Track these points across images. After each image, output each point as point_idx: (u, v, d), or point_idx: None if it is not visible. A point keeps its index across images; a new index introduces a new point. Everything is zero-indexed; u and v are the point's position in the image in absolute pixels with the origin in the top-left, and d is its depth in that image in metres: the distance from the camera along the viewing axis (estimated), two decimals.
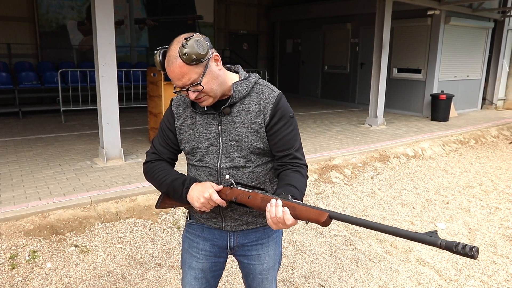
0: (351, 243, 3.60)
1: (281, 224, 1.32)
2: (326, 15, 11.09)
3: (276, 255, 1.72)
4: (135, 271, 3.04)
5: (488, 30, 10.31)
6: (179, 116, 1.57)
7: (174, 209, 4.00)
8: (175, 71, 1.36)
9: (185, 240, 1.73)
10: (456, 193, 4.99)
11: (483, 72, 10.61)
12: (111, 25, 4.58)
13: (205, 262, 1.68)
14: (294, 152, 1.52)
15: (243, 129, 1.48)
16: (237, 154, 1.49)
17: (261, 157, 1.53)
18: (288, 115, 1.52)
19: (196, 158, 1.55)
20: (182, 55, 1.33)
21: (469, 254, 1.04)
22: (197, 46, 1.33)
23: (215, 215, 1.58)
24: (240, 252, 1.67)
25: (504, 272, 3.19)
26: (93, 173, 4.58)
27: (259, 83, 1.54)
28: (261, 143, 1.49)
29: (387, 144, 6.57)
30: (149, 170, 1.62)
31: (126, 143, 5.82)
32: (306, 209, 1.30)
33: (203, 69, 1.38)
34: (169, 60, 1.38)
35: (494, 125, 8.77)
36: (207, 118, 1.52)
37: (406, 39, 9.54)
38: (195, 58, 1.33)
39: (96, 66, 4.67)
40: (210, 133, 1.52)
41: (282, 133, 1.50)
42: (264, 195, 1.37)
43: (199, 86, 1.38)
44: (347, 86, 11.05)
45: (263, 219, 1.60)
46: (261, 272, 1.69)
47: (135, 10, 10.23)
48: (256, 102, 1.49)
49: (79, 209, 3.71)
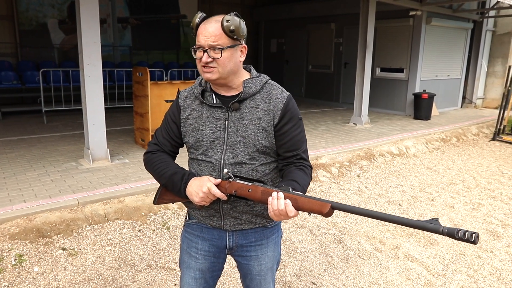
0: (341, 241, 3.64)
1: (282, 216, 1.33)
2: (310, 15, 11.16)
3: (275, 256, 1.72)
4: (125, 273, 3.00)
5: (468, 31, 10.56)
6: (185, 108, 1.57)
7: (164, 209, 3.97)
8: (208, 29, 1.40)
9: (184, 240, 1.72)
10: (441, 190, 5.10)
11: (463, 71, 10.86)
12: (96, 24, 4.51)
13: (204, 262, 1.67)
14: (301, 153, 1.55)
15: (251, 126, 1.49)
16: (242, 150, 1.49)
17: (265, 157, 1.53)
18: (297, 116, 1.54)
19: (199, 151, 1.55)
20: (225, 21, 1.38)
21: (470, 240, 1.08)
22: (241, 24, 1.41)
23: (214, 212, 1.57)
24: (239, 253, 1.67)
25: (489, 266, 3.28)
26: (79, 174, 4.50)
27: (270, 82, 1.56)
28: (267, 142, 1.50)
29: (372, 142, 6.67)
30: (149, 161, 1.62)
31: (112, 144, 5.74)
32: (309, 201, 1.31)
33: (231, 43, 1.42)
34: (208, 21, 1.43)
35: (474, 123, 9.00)
36: (214, 112, 1.52)
37: (388, 39, 9.69)
38: (232, 30, 1.39)
39: (81, 65, 4.59)
40: (216, 127, 1.51)
41: (291, 134, 1.52)
42: (265, 188, 1.38)
43: (219, 52, 1.40)
44: (331, 86, 11.15)
45: (262, 219, 1.61)
46: (260, 273, 1.69)
47: (118, 9, 10.09)
48: (266, 101, 1.51)
49: (66, 211, 3.64)
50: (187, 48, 11.87)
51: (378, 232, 3.83)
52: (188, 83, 6.05)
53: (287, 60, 12.32)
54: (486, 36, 11.08)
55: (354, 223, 4.02)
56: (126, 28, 10.38)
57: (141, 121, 5.62)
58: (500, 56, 11.24)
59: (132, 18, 10.40)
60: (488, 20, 10.91)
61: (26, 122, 7.49)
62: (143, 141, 5.71)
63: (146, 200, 4.01)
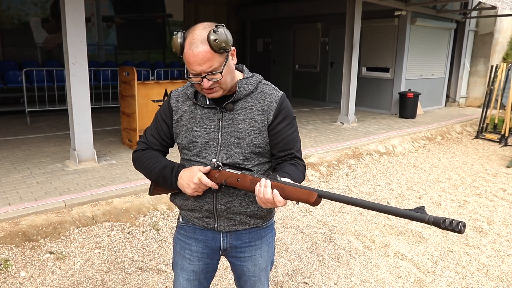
0: (331, 240, 3.65)
1: (270, 204, 1.33)
2: (296, 15, 11.19)
3: (269, 257, 1.72)
4: (115, 276, 2.95)
5: (451, 31, 10.74)
6: (178, 109, 1.55)
7: (153, 211, 3.93)
8: (198, 55, 1.33)
9: (177, 242, 1.70)
10: (427, 188, 5.17)
11: (447, 71, 11.04)
12: (81, 22, 4.43)
13: (198, 264, 1.65)
14: (295, 152, 1.54)
15: (245, 127, 1.48)
16: (236, 151, 1.48)
17: (260, 157, 1.53)
18: (291, 116, 1.54)
19: (192, 152, 1.53)
20: (212, 41, 1.31)
21: (456, 229, 1.06)
22: (227, 35, 1.33)
23: (208, 214, 1.56)
24: (233, 254, 1.65)
25: (477, 262, 3.34)
26: (65, 176, 4.42)
27: (263, 82, 1.55)
28: (261, 142, 1.49)
29: (360, 141, 6.72)
30: (138, 158, 1.59)
31: (98, 145, 5.65)
32: (296, 190, 1.31)
33: (224, 59, 1.38)
34: (193, 43, 1.34)
35: (458, 121, 9.16)
36: (208, 113, 1.51)
37: (374, 38, 9.78)
38: (223, 47, 1.33)
39: (66, 65, 4.50)
40: (210, 128, 1.50)
41: (285, 133, 1.51)
42: (253, 177, 1.37)
43: (218, 75, 1.37)
44: (318, 85, 11.21)
45: (256, 219, 1.60)
46: (254, 273, 1.68)
47: (103, 8, 9.95)
48: (260, 101, 1.50)
49: (52, 214, 3.57)
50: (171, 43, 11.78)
51: (367, 231, 3.86)
52: (176, 83, 6.00)
53: (274, 60, 12.33)
54: (469, 36, 11.29)
55: (344, 222, 4.04)
56: (111, 27, 10.24)
57: (128, 121, 5.55)
58: (482, 56, 11.46)
59: (117, 17, 10.26)
60: (471, 20, 11.11)
61: (8, 123, 7.32)
62: (130, 142, 5.64)
63: (134, 202, 3.96)
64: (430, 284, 2.99)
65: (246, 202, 1.54)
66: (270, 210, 1.63)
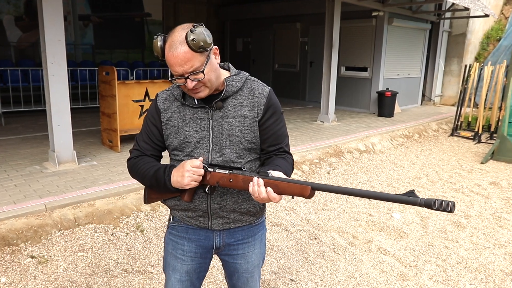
0: (316, 237, 3.70)
1: (265, 200, 1.35)
2: (276, 15, 11.25)
3: (261, 253, 1.73)
4: (100, 279, 2.91)
5: (426, 31, 11.01)
6: (165, 110, 1.54)
7: (136, 212, 3.89)
8: (178, 56, 1.34)
9: (168, 242, 1.69)
10: (407, 184, 5.30)
11: (422, 70, 11.32)
12: (60, 21, 4.33)
13: (191, 264, 1.65)
14: (284, 147, 1.57)
15: (236, 124, 1.49)
16: (229, 148, 1.49)
17: (251, 153, 1.54)
18: (280, 111, 1.57)
19: (184, 153, 1.52)
20: (190, 41, 1.31)
21: (447, 209, 1.11)
22: (205, 34, 1.33)
23: (202, 213, 1.56)
24: (226, 252, 1.66)
25: (456, 255, 3.45)
26: (44, 178, 4.31)
27: (250, 78, 1.57)
28: (253, 138, 1.51)
29: (340, 140, 6.82)
30: (132, 166, 1.59)
31: (77, 146, 5.54)
32: (289, 185, 1.33)
33: (205, 59, 1.38)
34: (173, 45, 1.35)
35: (434, 119, 9.40)
36: (197, 113, 1.51)
37: (352, 38, 9.93)
38: (202, 46, 1.33)
39: (44, 64, 4.39)
40: (200, 127, 1.50)
41: (274, 128, 1.54)
42: (245, 176, 1.39)
43: (201, 74, 1.37)
44: (297, 84, 11.30)
45: (250, 217, 1.61)
46: (247, 271, 1.69)
47: (79, 6, 9.74)
48: (249, 97, 1.51)
49: (32, 217, 3.48)
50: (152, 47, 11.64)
51: (350, 227, 3.93)
52: (157, 83, 5.94)
53: (254, 59, 12.35)
54: (443, 36, 11.61)
55: (327, 219, 4.10)
56: (87, 26, 10.04)
57: (109, 122, 5.46)
58: (455, 56, 11.80)
59: (94, 15, 10.07)
60: (445, 21, 11.42)
61: None
62: (111, 142, 5.55)
63: (117, 203, 3.90)
64: (413, 278, 3.07)
65: (240, 199, 1.55)
66: (263, 207, 1.65)
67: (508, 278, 3.11)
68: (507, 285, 3.02)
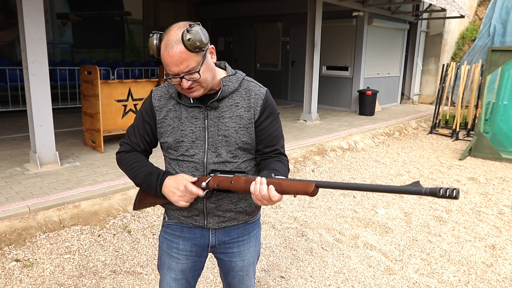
0: (303, 234, 3.74)
1: (266, 201, 1.34)
2: (257, 14, 11.28)
3: (256, 251, 1.73)
4: (89, 281, 2.87)
5: (405, 31, 11.25)
6: (161, 108, 1.53)
7: (123, 213, 3.84)
8: (174, 55, 1.33)
9: (163, 241, 1.68)
10: (389, 181, 5.41)
11: (401, 69, 11.56)
12: (40, 19, 4.24)
13: (186, 263, 1.64)
14: (279, 148, 1.57)
15: (232, 124, 1.49)
16: (225, 149, 1.49)
17: (247, 154, 1.54)
18: (276, 112, 1.57)
19: (179, 152, 1.52)
20: (187, 41, 1.30)
21: (452, 196, 1.10)
22: (201, 34, 1.32)
23: (198, 212, 1.56)
24: (221, 250, 1.66)
25: (439, 249, 3.55)
26: (26, 180, 4.21)
27: (246, 79, 1.56)
28: (249, 139, 1.51)
29: (324, 138, 6.90)
30: (123, 160, 1.57)
31: (59, 147, 5.42)
32: (292, 183, 1.33)
33: (201, 58, 1.37)
34: (168, 44, 1.33)
35: (413, 118, 9.62)
36: (193, 112, 1.50)
37: (333, 38, 10.05)
38: (198, 45, 1.32)
39: (25, 63, 4.29)
40: (196, 127, 1.49)
41: (270, 129, 1.54)
42: (247, 177, 1.39)
43: (196, 74, 1.36)
44: (279, 84, 11.36)
45: (245, 215, 1.62)
46: (242, 268, 1.69)
47: (57, 4, 9.53)
48: (245, 98, 1.51)
49: (16, 220, 3.40)
50: (132, 46, 11.50)
51: (337, 224, 3.99)
52: (140, 82, 5.88)
53: (235, 59, 12.35)
54: (421, 36, 11.87)
55: (314, 216, 4.15)
56: (66, 25, 9.83)
57: (91, 122, 5.37)
58: (433, 56, 12.10)
59: (73, 14, 9.87)
60: (422, 21, 11.69)
61: None
62: (94, 143, 5.46)
63: (103, 204, 3.85)
64: (399, 272, 3.15)
65: (235, 199, 1.56)
66: (258, 206, 1.65)
67: (489, 270, 3.22)
68: (488, 276, 3.13)
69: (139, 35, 11.47)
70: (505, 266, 3.29)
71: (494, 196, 4.93)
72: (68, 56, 9.89)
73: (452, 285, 3.00)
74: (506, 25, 11.53)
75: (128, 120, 5.67)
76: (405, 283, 3.00)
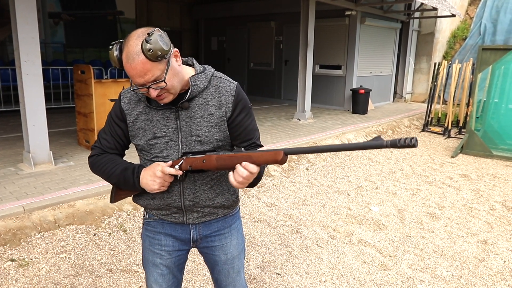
0: (298, 231, 3.77)
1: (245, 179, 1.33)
2: (250, 13, 11.29)
3: (239, 244, 1.73)
4: (85, 280, 2.87)
5: (397, 30, 11.34)
6: (130, 112, 1.51)
7: (118, 212, 3.84)
8: (137, 67, 1.30)
9: (145, 239, 1.69)
10: (383, 178, 5.46)
11: (394, 68, 11.65)
12: (33, 18, 4.22)
13: (169, 258, 1.66)
14: (256, 141, 1.58)
15: (204, 123, 1.48)
16: (198, 148, 1.49)
17: (221, 150, 1.54)
18: (248, 105, 1.55)
19: (153, 154, 1.51)
20: (147, 52, 1.26)
21: (411, 144, 1.15)
22: (161, 42, 1.28)
23: (176, 210, 1.57)
24: (204, 244, 1.67)
25: (432, 244, 3.60)
26: (20, 180, 4.20)
27: (215, 75, 1.53)
28: (222, 136, 1.51)
29: (317, 136, 6.94)
30: (95, 164, 1.57)
31: (53, 146, 5.39)
32: (261, 154, 1.33)
33: (165, 66, 1.33)
34: (129, 56, 1.30)
35: (406, 116, 9.70)
36: (164, 113, 1.48)
37: (326, 37, 10.10)
38: (159, 55, 1.28)
39: (18, 63, 4.27)
40: (168, 128, 1.48)
41: (245, 124, 1.53)
42: (218, 155, 1.39)
43: (162, 83, 1.34)
44: (273, 83, 11.39)
45: (224, 209, 1.63)
46: (226, 262, 1.70)
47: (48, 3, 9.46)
48: (215, 96, 1.49)
49: (10, 219, 3.39)
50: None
51: (331, 221, 4.02)
52: None
53: (229, 58, 12.36)
54: (413, 35, 11.97)
55: (308, 214, 4.18)
56: (58, 24, 9.77)
57: (85, 122, 5.36)
58: (425, 54, 12.20)
59: (65, 13, 9.81)
60: (414, 20, 11.79)
61: None
62: (88, 142, 5.45)
63: (98, 203, 3.85)
64: (393, 267, 3.19)
65: (212, 194, 1.56)
66: (236, 200, 1.66)
67: (481, 264, 3.28)
68: (480, 271, 3.18)
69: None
70: (497, 260, 3.35)
71: (485, 193, 5.00)
72: (61, 56, 9.83)
73: (445, 280, 3.05)
74: (496, 24, 11.66)
75: None
76: (399, 278, 3.04)
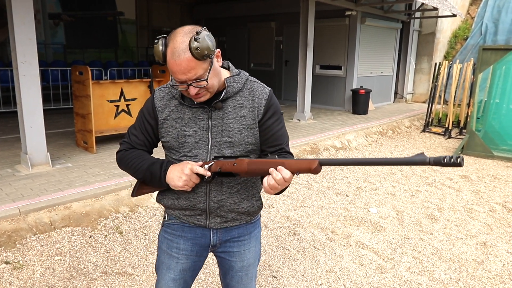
0: (295, 233, 3.75)
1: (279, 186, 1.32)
2: (250, 14, 11.27)
3: (256, 252, 1.72)
4: (79, 283, 2.85)
5: (397, 30, 11.29)
6: (163, 109, 1.52)
7: (114, 213, 3.83)
8: (181, 64, 1.31)
9: (163, 241, 1.67)
10: (382, 179, 5.43)
11: (394, 68, 11.60)
12: (30, 19, 4.20)
13: (186, 262, 1.64)
14: (285, 147, 1.56)
15: (236, 125, 1.48)
16: (228, 150, 1.48)
17: (251, 154, 1.53)
18: (279, 111, 1.56)
19: (181, 153, 1.51)
20: (194, 50, 1.28)
21: (456, 162, 1.11)
22: (209, 40, 1.30)
23: (200, 212, 1.55)
24: (222, 249, 1.65)
25: (431, 247, 3.57)
26: (17, 181, 4.18)
27: (250, 79, 1.55)
28: (253, 139, 1.50)
29: (317, 137, 6.91)
30: (122, 158, 1.57)
31: (51, 148, 5.39)
32: (296, 161, 1.34)
33: (209, 65, 1.35)
34: (175, 52, 1.31)
35: (406, 116, 9.66)
36: (196, 112, 1.49)
37: (326, 37, 10.07)
38: (206, 54, 1.30)
39: (15, 64, 4.26)
40: (199, 127, 1.48)
41: (274, 128, 1.53)
42: (250, 159, 1.39)
43: (204, 82, 1.35)
44: (273, 83, 11.35)
45: (247, 216, 1.61)
46: (242, 269, 1.68)
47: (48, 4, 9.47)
48: (249, 98, 1.50)
49: (6, 221, 3.38)
50: (125, 46, 11.46)
51: (329, 223, 4.00)
52: (132, 82, 5.85)
53: (229, 59, 12.25)
54: (413, 35, 11.92)
55: (306, 215, 4.15)
56: (58, 25, 9.77)
57: (83, 123, 5.34)
58: (426, 54, 12.15)
59: (65, 14, 9.81)
60: (415, 20, 11.74)
61: None
62: (86, 144, 5.43)
63: (95, 205, 3.83)
64: (391, 270, 3.16)
65: (238, 199, 1.55)
66: (260, 206, 1.65)
67: (480, 267, 3.24)
68: (479, 274, 3.15)
69: (132, 35, 11.43)
70: (496, 263, 3.31)
71: (485, 194, 4.97)
72: (61, 57, 9.83)
73: (443, 282, 3.01)
74: (497, 24, 11.61)
75: (120, 121, 5.65)
76: (397, 281, 3.01)
